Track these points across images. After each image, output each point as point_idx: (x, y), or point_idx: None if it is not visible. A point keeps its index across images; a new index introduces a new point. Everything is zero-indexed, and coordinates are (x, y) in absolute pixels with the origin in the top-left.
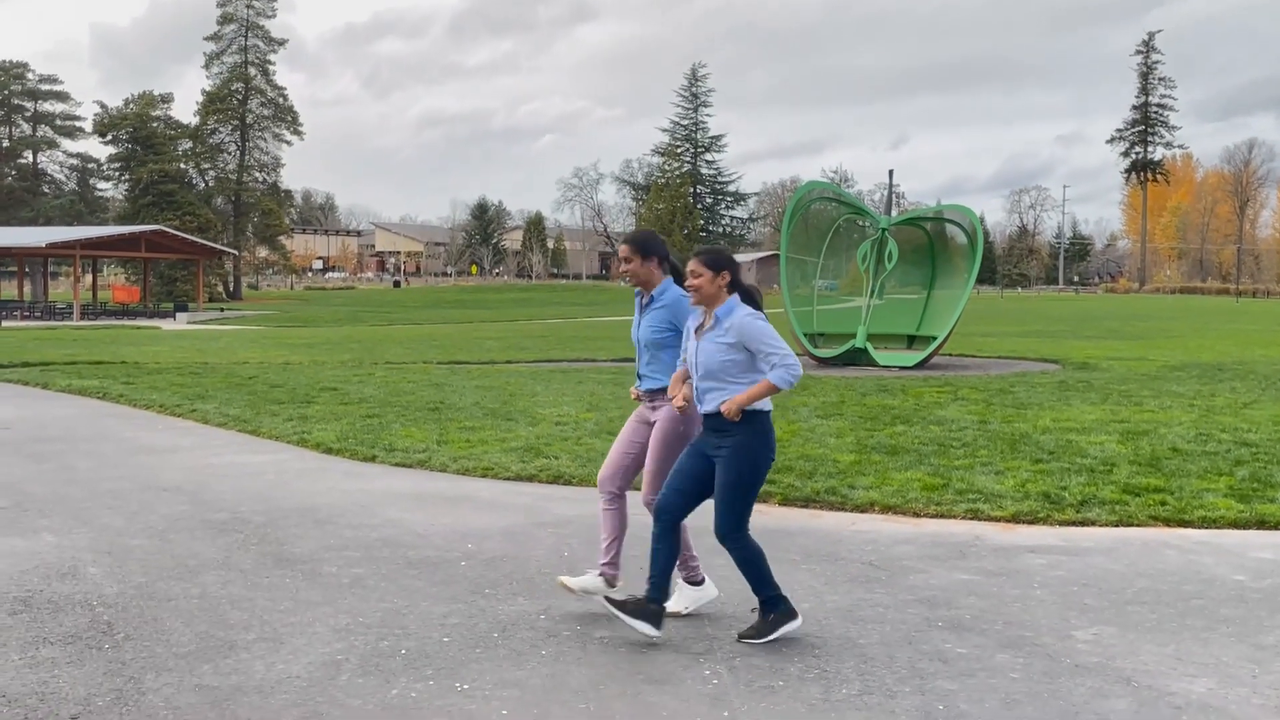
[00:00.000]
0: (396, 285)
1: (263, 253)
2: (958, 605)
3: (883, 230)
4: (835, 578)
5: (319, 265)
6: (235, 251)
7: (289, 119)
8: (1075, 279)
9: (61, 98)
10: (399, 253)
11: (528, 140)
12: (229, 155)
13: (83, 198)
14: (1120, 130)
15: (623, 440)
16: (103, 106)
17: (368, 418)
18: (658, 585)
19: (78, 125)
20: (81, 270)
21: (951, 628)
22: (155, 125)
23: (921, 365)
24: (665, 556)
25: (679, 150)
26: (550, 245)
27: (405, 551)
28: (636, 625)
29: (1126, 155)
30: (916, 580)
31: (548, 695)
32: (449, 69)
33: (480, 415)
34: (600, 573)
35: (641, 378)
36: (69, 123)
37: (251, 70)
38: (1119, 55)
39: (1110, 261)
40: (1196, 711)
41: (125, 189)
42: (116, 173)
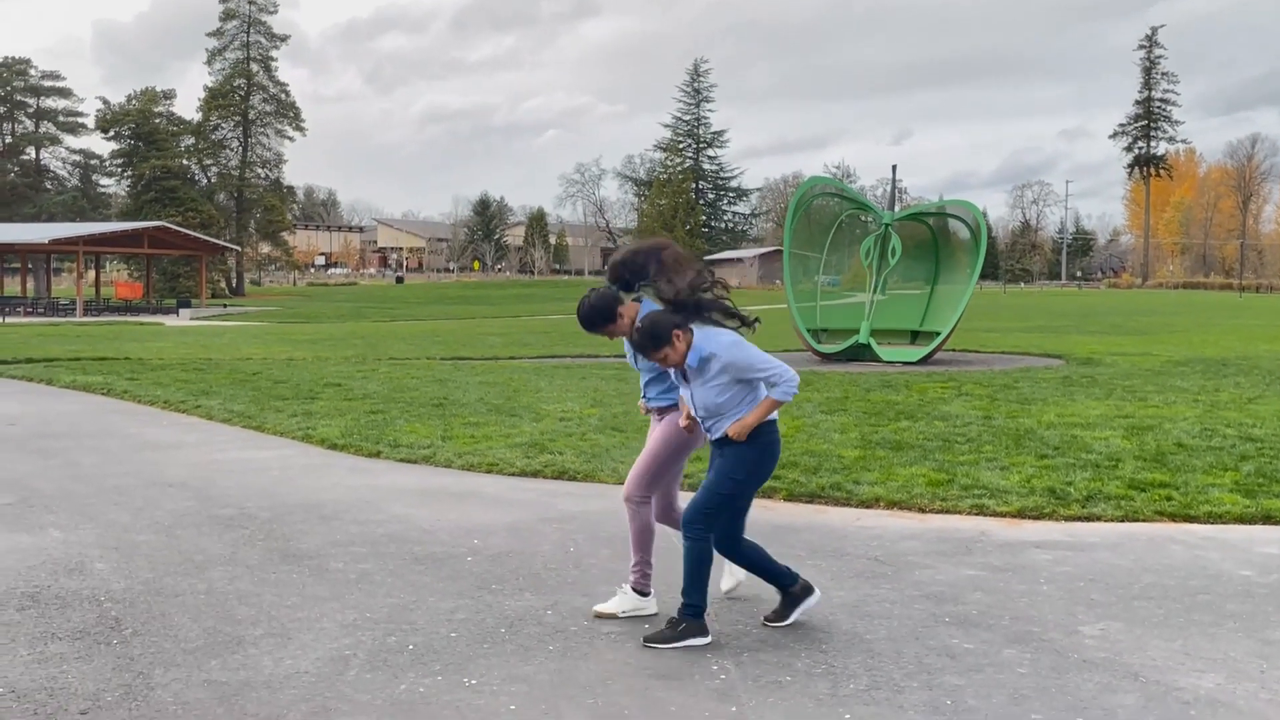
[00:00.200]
0: (399, 281)
1: (265, 249)
2: (964, 601)
3: (886, 225)
4: (841, 573)
5: (321, 261)
6: (238, 248)
7: (291, 115)
8: (1078, 274)
9: (64, 94)
10: (401, 249)
11: (530, 136)
12: (231, 151)
13: (85, 194)
14: (1123, 125)
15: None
16: (105, 103)
17: (372, 414)
18: (777, 577)
19: (80, 121)
20: (84, 266)
21: (958, 623)
22: (158, 121)
23: (925, 361)
24: (748, 558)
25: (681, 146)
26: (552, 241)
27: (411, 547)
28: (690, 643)
29: (1129, 150)
30: (922, 576)
31: (556, 690)
32: (452, 65)
33: (484, 411)
34: (630, 582)
35: (648, 399)
36: (72, 119)
37: (254, 66)
38: (1122, 50)
39: (1113, 257)
40: (1205, 706)
41: (128, 185)
42: (119, 169)
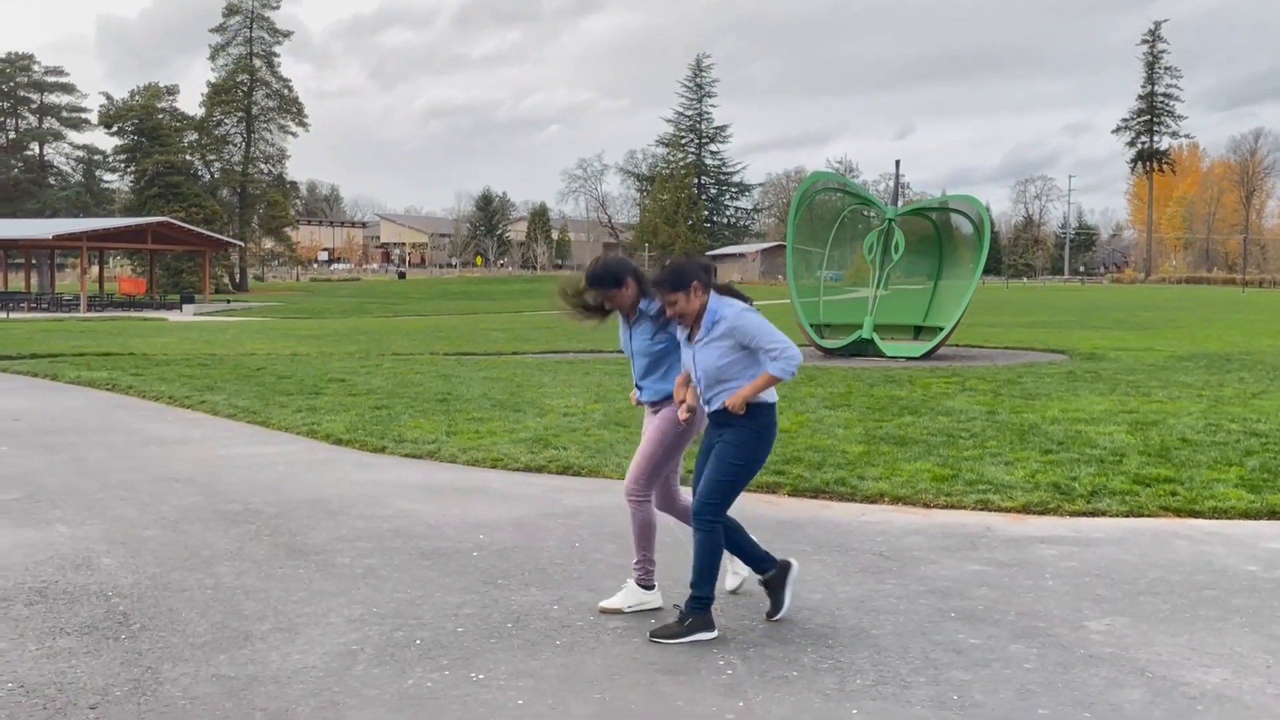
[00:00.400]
0: (401, 276)
1: (268, 244)
2: (970, 596)
3: (889, 220)
4: (847, 568)
5: (324, 257)
6: (241, 243)
7: (294, 110)
8: (1081, 269)
9: (67, 89)
10: (404, 244)
11: (533, 131)
12: (234, 147)
13: (89, 189)
14: (1126, 120)
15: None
16: (108, 98)
17: (376, 409)
18: (758, 562)
19: (84, 117)
20: (88, 262)
21: (964, 618)
22: (161, 117)
23: (928, 356)
24: (737, 545)
25: (683, 141)
26: (555, 237)
27: (417, 542)
28: (697, 638)
29: (1132, 145)
30: (928, 571)
31: (563, 685)
32: (455, 60)
33: (488, 406)
34: (638, 579)
35: (641, 389)
36: (75, 114)
37: (257, 62)
38: (1126, 44)
39: (1116, 252)
40: (1211, 702)
41: (131, 181)
42: (122, 164)
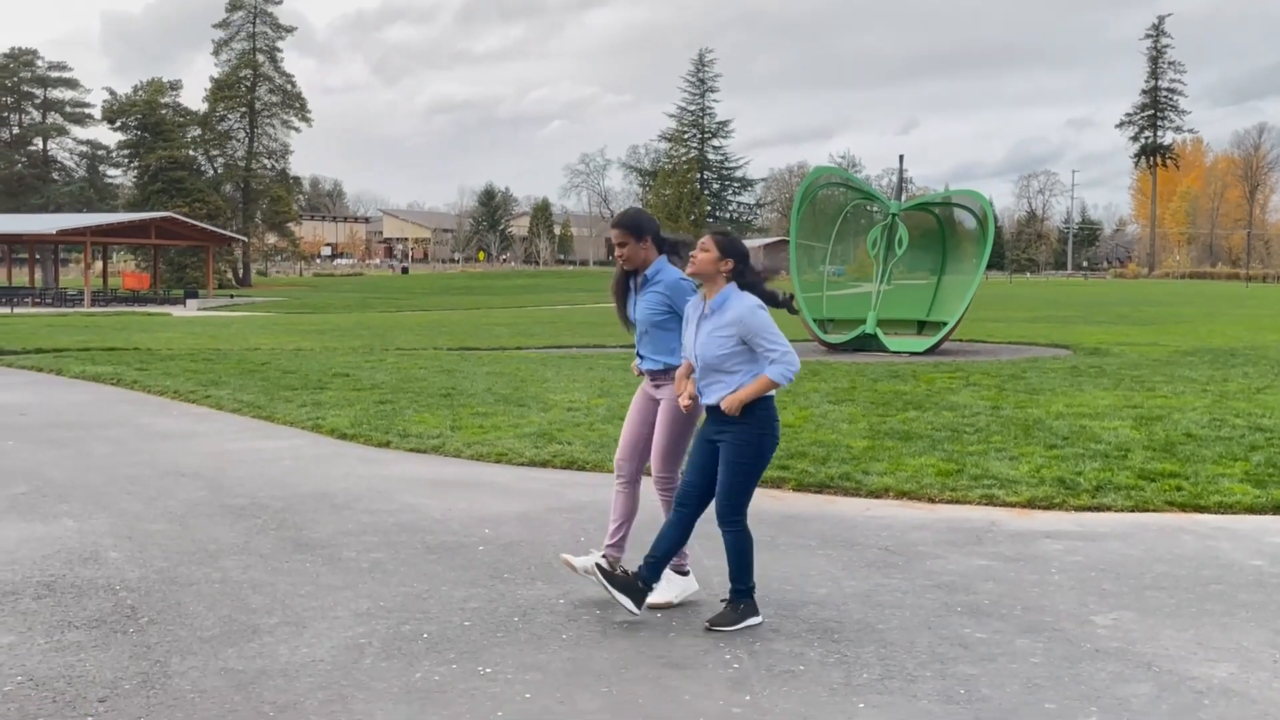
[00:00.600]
0: (404, 272)
1: (271, 239)
2: (976, 590)
3: (893, 215)
4: (852, 563)
5: (327, 252)
6: (244, 238)
7: (297, 106)
8: (1084, 264)
9: (71, 84)
10: (407, 239)
11: (535, 127)
12: (237, 142)
13: (92, 184)
14: (1130, 114)
15: (633, 420)
16: (112, 93)
17: (381, 404)
18: (653, 568)
19: (87, 112)
20: (92, 257)
21: (970, 613)
22: (164, 112)
23: (932, 351)
24: (671, 542)
25: (686, 136)
26: (557, 232)
27: (423, 536)
28: (620, 599)
29: (1136, 140)
30: (934, 565)
31: (570, 679)
32: (458, 55)
33: (492, 401)
34: (604, 554)
35: (642, 357)
36: (78, 110)
37: (260, 57)
38: (1130, 39)
39: (1119, 247)
40: (1218, 696)
41: (134, 176)
42: (126, 160)
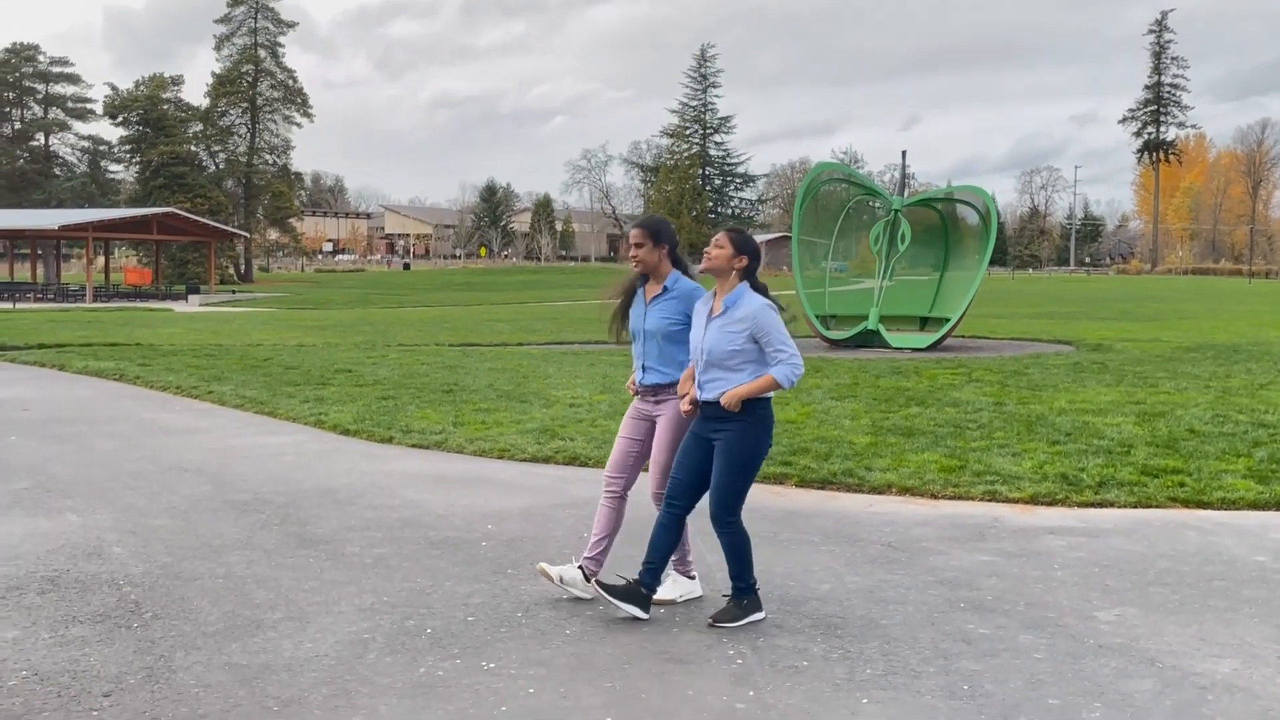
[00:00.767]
0: (406, 268)
1: (273, 235)
2: (979, 586)
3: (895, 211)
4: (855, 559)
5: (329, 248)
6: (246, 234)
7: (299, 101)
8: (1087, 260)
9: (72, 80)
10: (408, 235)
11: (537, 122)
12: (239, 137)
13: (94, 180)
14: (1132, 110)
15: (625, 436)
16: (113, 88)
17: (383, 399)
18: (653, 572)
19: (89, 107)
20: (94, 252)
21: (974, 609)
22: (166, 107)
23: (934, 347)
24: (666, 546)
25: (688, 132)
26: (559, 228)
27: (426, 532)
28: (626, 608)
29: (1139, 135)
30: (937, 561)
31: (573, 674)
32: (460, 51)
33: (494, 397)
34: (581, 565)
35: (646, 370)
36: (80, 105)
37: (261, 52)
38: (1134, 34)
39: (1122, 243)
40: (1222, 691)
41: (136, 171)
42: (128, 155)
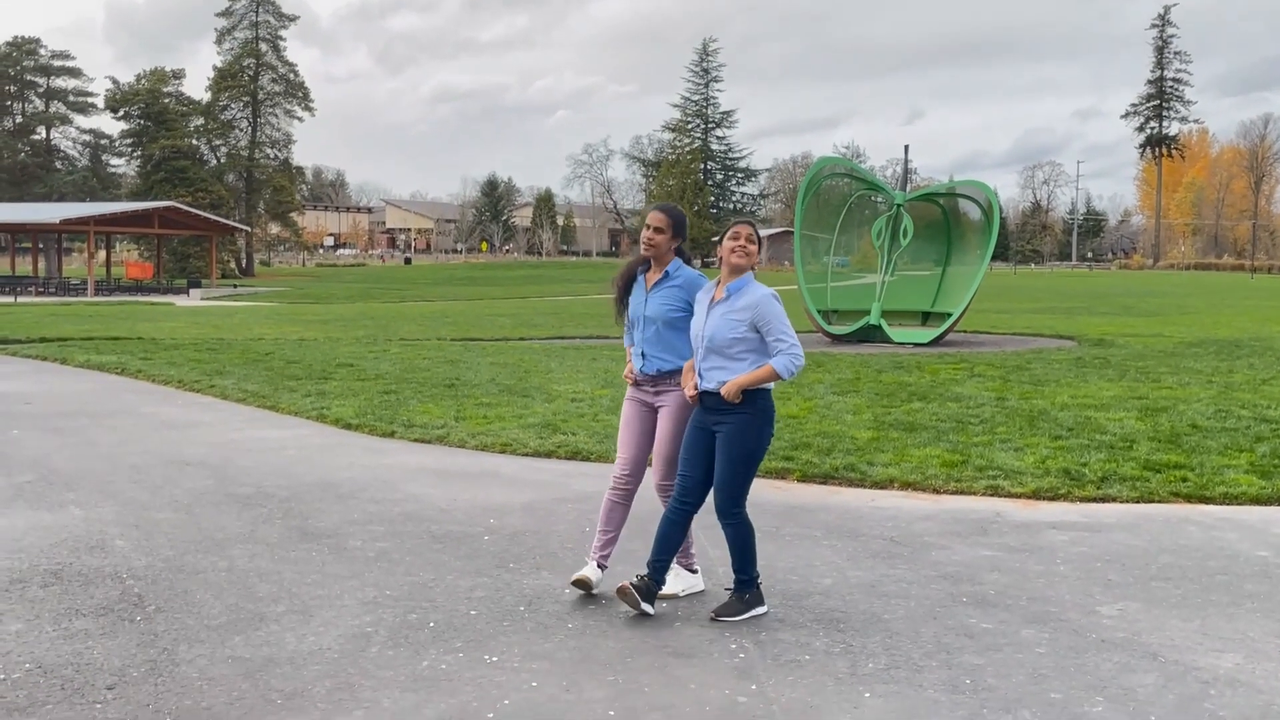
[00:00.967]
0: (407, 262)
1: (274, 229)
2: (981, 581)
3: (898, 206)
4: (857, 554)
5: (330, 242)
6: (247, 228)
7: (300, 95)
8: (1089, 255)
9: (74, 73)
10: (409, 229)
11: (539, 117)
12: (240, 131)
13: (95, 174)
14: (1135, 105)
15: (632, 431)
16: (114, 82)
17: (385, 394)
18: (661, 569)
19: (90, 101)
20: (95, 246)
21: (976, 603)
22: (167, 101)
23: (936, 342)
24: (674, 541)
25: (690, 126)
26: (560, 222)
27: (428, 526)
28: (643, 606)
29: (1141, 130)
30: (939, 556)
31: (576, 667)
32: (463, 44)
33: (496, 392)
34: (598, 561)
35: (646, 357)
36: (81, 99)
37: (263, 46)
38: (1137, 29)
39: (1124, 238)
40: (1224, 686)
41: (137, 165)
42: (129, 149)
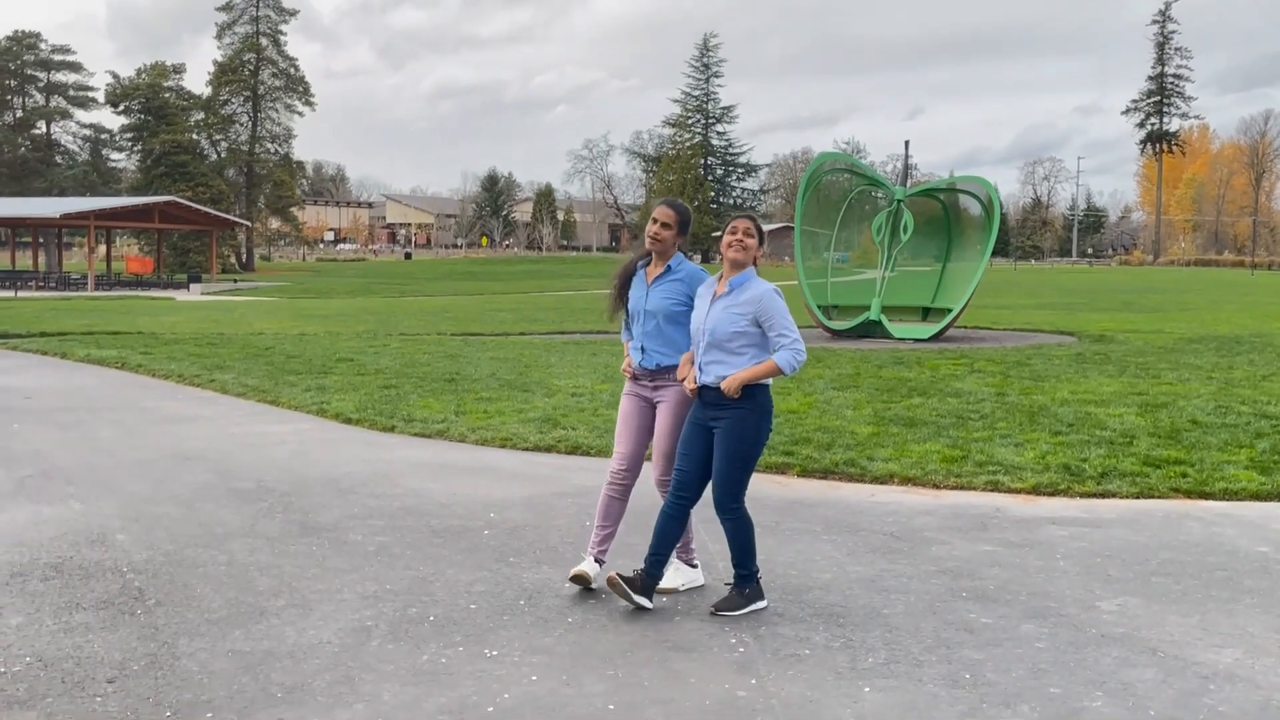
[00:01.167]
0: (407, 257)
1: (274, 224)
2: (981, 576)
3: (898, 201)
4: (857, 548)
5: (330, 237)
6: (247, 223)
7: (300, 90)
8: (1089, 251)
9: (74, 68)
10: (410, 224)
11: (540, 112)
12: (241, 126)
13: (96, 168)
14: (1136, 101)
15: (630, 427)
16: (115, 77)
17: (385, 388)
18: (658, 564)
19: (91, 96)
20: (95, 241)
21: (976, 598)
22: (167, 96)
23: (936, 338)
24: (672, 535)
25: (690, 122)
26: (560, 218)
27: (429, 520)
28: (638, 600)
29: (1142, 126)
30: (939, 551)
31: (576, 662)
32: (464, 39)
33: (496, 386)
34: (595, 557)
35: (645, 351)
36: (82, 93)
37: (263, 41)
38: (1138, 24)
39: (1124, 234)
40: (1224, 681)
41: (138, 160)
42: (129, 143)
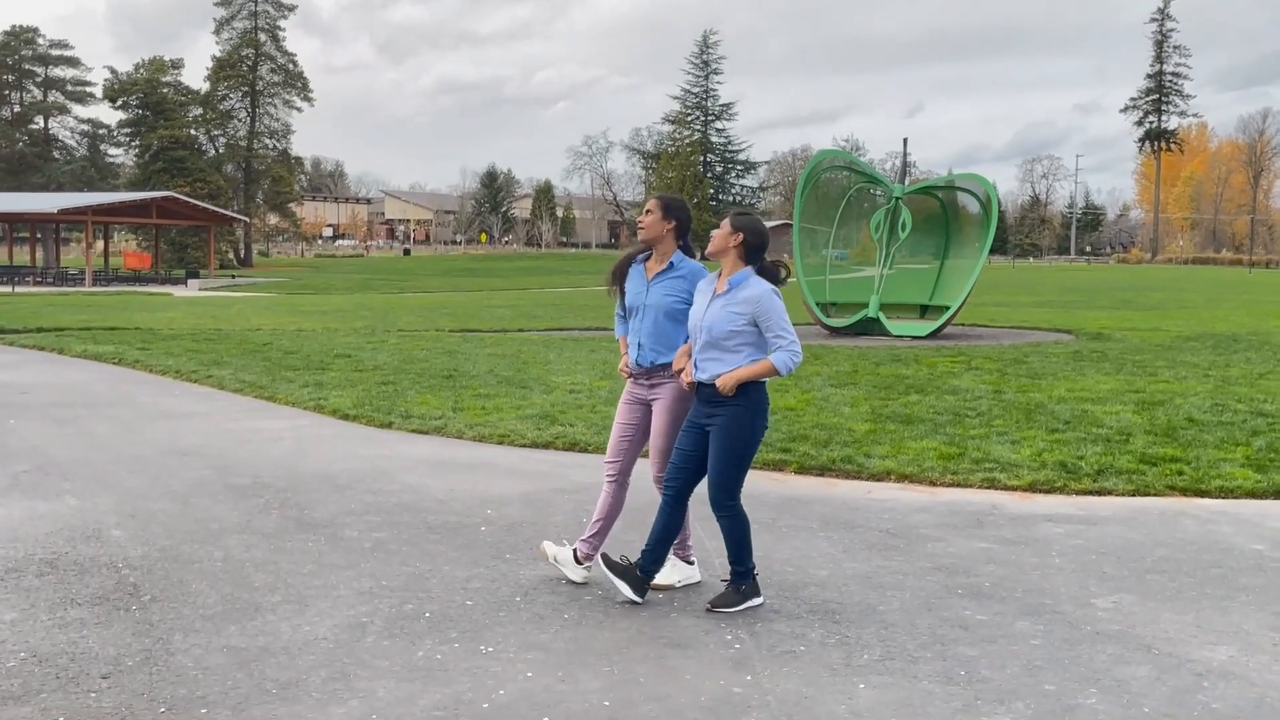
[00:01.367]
0: (406, 253)
1: (273, 220)
2: (977, 573)
3: (896, 199)
4: (853, 545)
5: (329, 233)
6: (246, 218)
7: (299, 85)
8: (1087, 249)
9: (72, 63)
10: (408, 220)
11: (540, 108)
12: (239, 122)
13: (94, 163)
14: (1134, 99)
15: (622, 421)
16: (113, 72)
17: (383, 384)
18: (653, 557)
19: (89, 91)
20: (93, 236)
21: (971, 595)
22: (165, 91)
23: (934, 335)
24: (667, 531)
25: (689, 118)
26: (559, 214)
27: (425, 516)
28: (620, 586)
29: (1140, 124)
30: (935, 548)
31: (572, 658)
32: (464, 35)
33: (494, 383)
34: (575, 547)
35: (641, 347)
36: (80, 88)
37: (261, 36)
38: (1137, 22)
39: (1123, 232)
40: (1218, 678)
41: (136, 155)
42: (127, 139)
